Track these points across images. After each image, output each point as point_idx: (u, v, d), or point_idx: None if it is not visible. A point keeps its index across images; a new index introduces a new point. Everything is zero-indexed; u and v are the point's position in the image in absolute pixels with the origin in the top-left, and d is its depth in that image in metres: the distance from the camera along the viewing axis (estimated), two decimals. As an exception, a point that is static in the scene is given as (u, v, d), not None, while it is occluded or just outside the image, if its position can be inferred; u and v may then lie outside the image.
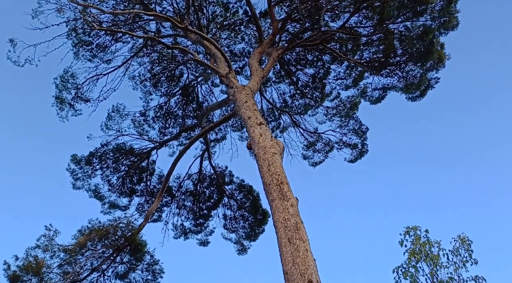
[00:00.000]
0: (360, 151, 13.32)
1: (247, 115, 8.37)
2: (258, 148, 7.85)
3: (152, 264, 10.89)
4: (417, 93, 11.99)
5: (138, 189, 12.74)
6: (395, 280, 5.25)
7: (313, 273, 5.92)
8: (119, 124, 12.40)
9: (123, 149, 12.26)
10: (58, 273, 9.57)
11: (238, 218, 13.22)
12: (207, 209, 13.39)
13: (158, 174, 12.87)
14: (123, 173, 12.44)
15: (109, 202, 12.30)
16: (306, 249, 6.30)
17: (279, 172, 7.48)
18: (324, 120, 13.78)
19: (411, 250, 5.24)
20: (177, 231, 13.09)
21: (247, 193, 13.19)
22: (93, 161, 11.97)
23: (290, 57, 13.61)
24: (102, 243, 10.25)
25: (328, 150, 13.85)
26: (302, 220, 6.86)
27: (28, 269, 9.10)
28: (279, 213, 6.85)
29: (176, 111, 13.94)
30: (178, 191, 13.21)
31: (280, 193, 7.16)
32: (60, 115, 11.88)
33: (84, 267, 10.00)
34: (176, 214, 13.17)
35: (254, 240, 13.13)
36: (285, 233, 6.51)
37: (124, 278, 10.60)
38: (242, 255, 13.21)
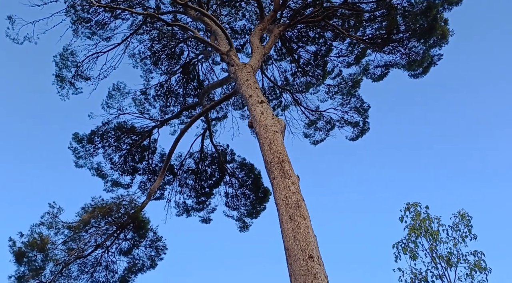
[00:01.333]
0: (362, 129, 13.31)
1: (248, 94, 8.33)
2: (259, 127, 7.85)
3: (155, 240, 11.06)
4: (419, 70, 11.89)
5: (140, 167, 12.81)
6: (395, 255, 5.33)
7: (313, 249, 6.02)
8: (120, 102, 12.36)
9: (125, 128, 12.26)
10: (62, 250, 9.74)
11: (240, 196, 13.34)
12: (209, 187, 13.50)
13: (160, 153, 12.92)
14: (125, 152, 12.48)
15: (111, 180, 12.40)
16: (307, 226, 6.38)
17: (280, 150, 7.50)
18: (325, 98, 13.72)
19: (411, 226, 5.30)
20: (179, 208, 13.24)
21: (249, 171, 13.26)
22: (95, 140, 11.99)
23: (292, 34, 13.43)
24: (106, 220, 10.39)
25: (329, 128, 13.85)
26: (303, 198, 6.93)
27: (33, 246, 9.26)
28: (281, 191, 6.91)
29: (177, 89, 13.87)
30: (180, 170, 13.29)
31: (282, 171, 7.20)
32: (60, 93, 11.85)
33: (88, 244, 10.17)
34: (178, 192, 13.30)
35: (256, 218, 13.30)
36: (286, 210, 6.58)
37: (128, 254, 10.79)
38: (243, 232, 13.40)
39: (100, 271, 10.55)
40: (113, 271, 10.63)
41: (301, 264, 5.81)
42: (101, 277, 10.51)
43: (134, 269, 10.79)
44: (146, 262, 10.94)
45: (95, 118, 12.05)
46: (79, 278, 10.24)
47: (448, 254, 5.07)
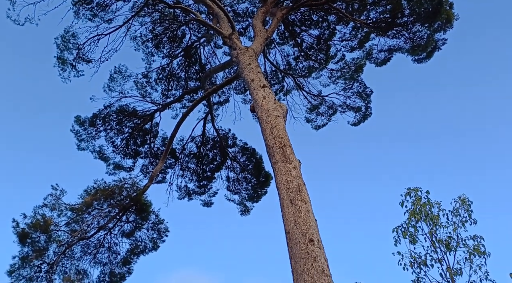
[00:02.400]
0: (364, 114, 13.27)
1: (250, 78, 8.29)
2: (261, 111, 7.83)
3: (157, 223, 11.17)
4: (423, 55, 11.79)
5: (142, 151, 12.86)
6: (395, 239, 5.39)
7: (314, 233, 6.07)
8: (122, 85, 12.33)
9: (126, 111, 12.25)
10: (65, 231, 9.87)
11: (241, 180, 13.40)
12: (211, 171, 13.55)
13: (162, 136, 12.95)
14: (126, 135, 12.51)
15: (113, 163, 12.46)
16: (308, 210, 6.43)
17: (282, 135, 7.50)
18: (328, 82, 13.64)
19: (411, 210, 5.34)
20: (181, 192, 13.34)
21: (250, 156, 13.29)
22: (97, 123, 12.00)
23: (295, 17, 13.27)
24: (108, 202, 10.48)
25: (331, 113, 13.81)
26: (304, 182, 6.96)
27: (36, 227, 9.38)
28: (282, 175, 6.94)
29: (178, 73, 13.79)
30: (181, 153, 13.33)
31: (283, 155, 7.21)
32: (62, 75, 11.80)
33: (91, 226, 10.30)
34: (180, 175, 13.37)
35: (257, 202, 13.39)
36: (288, 195, 6.62)
37: (130, 236, 10.93)
38: (244, 215, 13.52)
39: (102, 252, 10.71)
40: (116, 253, 10.79)
41: (301, 247, 5.87)
42: (104, 258, 10.68)
43: (136, 251, 10.93)
44: (148, 244, 11.09)
45: (97, 101, 12.07)
46: (82, 259, 10.40)
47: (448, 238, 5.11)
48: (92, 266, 10.52)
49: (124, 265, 10.81)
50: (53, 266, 9.85)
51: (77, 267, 10.27)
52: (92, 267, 10.53)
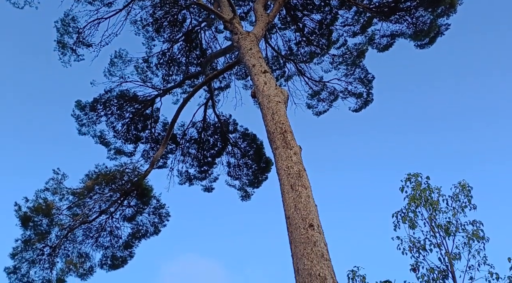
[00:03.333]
0: (365, 100, 13.22)
1: (252, 63, 8.24)
2: (262, 97, 7.81)
3: (159, 208, 11.26)
4: (426, 40, 11.69)
5: (143, 136, 12.86)
6: (394, 224, 5.44)
7: (314, 218, 6.11)
8: (122, 70, 12.26)
9: (127, 96, 12.22)
10: (67, 215, 9.95)
11: (242, 166, 13.44)
12: (211, 157, 13.59)
13: (163, 122, 12.93)
14: (127, 120, 12.50)
15: (114, 148, 12.48)
16: (308, 196, 6.46)
17: (283, 120, 7.49)
18: (329, 68, 13.56)
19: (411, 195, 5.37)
20: (182, 177, 13.39)
21: (251, 142, 13.30)
22: (98, 108, 11.98)
23: (297, 1, 13.12)
24: (109, 187, 10.54)
25: (332, 99, 13.76)
26: (304, 168, 6.98)
27: (38, 211, 9.45)
28: (282, 161, 6.96)
29: (179, 58, 13.70)
30: (182, 139, 13.34)
31: (284, 141, 7.22)
32: (62, 60, 11.74)
33: (93, 210, 10.38)
34: (181, 161, 13.41)
35: (258, 187, 13.45)
36: (288, 180, 6.65)
37: (131, 221, 11.02)
38: (245, 201, 13.60)
39: (104, 236, 10.82)
40: (117, 237, 10.90)
41: (301, 232, 5.92)
42: (106, 242, 10.80)
43: (137, 235, 11.04)
44: (150, 228, 11.19)
45: (98, 86, 12.02)
46: (84, 243, 10.52)
47: (447, 223, 5.16)
48: (94, 250, 10.66)
49: (125, 249, 10.93)
50: (55, 249, 9.97)
51: (79, 250, 10.40)
52: (94, 250, 10.67)
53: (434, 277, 4.93)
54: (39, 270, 9.88)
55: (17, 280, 9.64)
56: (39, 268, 9.85)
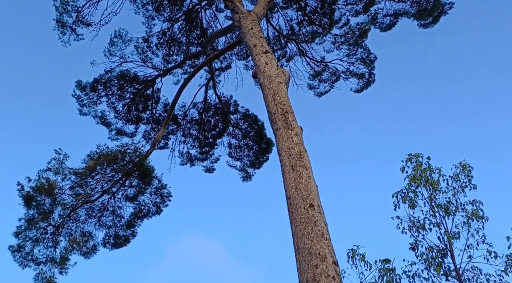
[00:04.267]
0: (367, 80, 13.13)
1: (253, 43, 8.15)
2: (263, 77, 7.77)
3: (160, 188, 11.35)
4: (429, 19, 11.54)
5: (144, 117, 12.85)
6: (394, 204, 5.48)
7: (314, 198, 6.16)
8: (122, 50, 12.14)
9: (127, 76, 12.15)
10: (70, 195, 10.05)
11: (243, 147, 13.47)
12: (212, 138, 13.60)
13: (163, 102, 12.90)
14: (128, 101, 12.46)
15: (116, 129, 12.48)
16: (309, 176, 6.49)
17: (284, 101, 7.46)
18: (331, 48, 13.41)
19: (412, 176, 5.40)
20: (183, 158, 13.44)
21: (252, 122, 13.29)
22: (98, 88, 11.93)
23: (299, -20, 12.90)
24: (111, 167, 10.61)
25: (334, 80, 13.67)
26: (305, 149, 7.00)
27: (41, 190, 9.54)
28: (284, 142, 6.96)
29: (179, 37, 13.55)
30: (183, 120, 13.33)
31: (285, 122, 7.21)
32: (62, 39, 11.62)
33: (95, 190, 10.47)
34: (182, 142, 13.43)
35: (259, 168, 13.51)
36: (289, 161, 6.67)
37: (133, 200, 11.13)
38: (246, 181, 13.68)
39: (107, 215, 10.95)
40: (120, 216, 11.03)
41: (302, 212, 5.98)
42: (108, 221, 10.93)
43: (140, 215, 11.17)
44: (152, 208, 11.31)
45: (98, 66, 11.93)
46: (87, 222, 10.66)
47: (447, 203, 5.20)
48: (97, 229, 10.80)
49: (128, 228, 11.08)
50: (58, 228, 10.11)
51: (82, 229, 10.55)
52: (97, 229, 10.81)
53: (433, 256, 5.00)
54: (43, 249, 10.05)
55: (21, 258, 9.81)
56: (43, 246, 10.02)
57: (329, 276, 5.24)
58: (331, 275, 5.26)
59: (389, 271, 4.68)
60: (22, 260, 9.88)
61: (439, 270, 4.82)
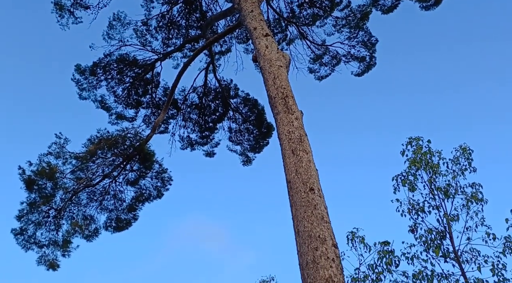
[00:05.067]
0: (368, 64, 13.03)
1: (253, 26, 8.07)
2: (263, 61, 7.71)
3: (161, 172, 11.39)
4: (431, 1, 11.40)
5: (144, 101, 12.81)
6: (394, 187, 5.51)
7: (314, 182, 6.19)
8: (121, 33, 12.03)
9: (127, 60, 12.06)
10: (71, 179, 10.10)
11: (243, 131, 13.47)
12: (213, 122, 13.59)
13: (163, 87, 12.84)
14: (128, 85, 12.41)
15: (116, 113, 12.46)
16: (309, 160, 6.51)
17: (285, 85, 7.43)
18: (332, 31, 13.27)
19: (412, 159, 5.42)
20: (183, 142, 13.46)
21: (252, 107, 13.26)
22: (97, 72, 11.86)
23: (300, -39, 12.69)
24: (112, 151, 10.63)
25: (335, 63, 13.57)
26: (306, 133, 7.00)
27: (42, 174, 9.58)
28: (284, 126, 6.96)
29: (179, 20, 13.40)
30: (183, 104, 13.29)
31: (285, 106, 7.19)
32: (60, 22, 11.50)
33: (96, 174, 10.52)
34: (182, 126, 13.42)
35: (259, 152, 13.54)
36: (289, 145, 6.68)
37: (134, 184, 11.19)
38: (246, 166, 13.73)
39: (108, 199, 11.03)
40: (121, 200, 11.11)
41: (302, 196, 6.02)
42: (110, 205, 11.02)
43: (141, 198, 11.25)
44: (153, 192, 11.37)
45: (97, 50, 11.84)
46: (88, 206, 10.74)
47: (447, 186, 5.22)
48: (98, 212, 10.90)
49: (129, 212, 11.17)
50: (60, 211, 10.19)
51: (84, 213, 10.64)
52: (99, 213, 10.91)
53: (432, 238, 5.05)
54: (45, 232, 10.16)
55: (24, 241, 9.92)
56: (45, 229, 10.12)
57: (329, 258, 5.30)
58: (330, 257, 5.32)
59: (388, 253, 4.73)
60: (24, 243, 10.00)
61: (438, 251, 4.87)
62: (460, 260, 4.85)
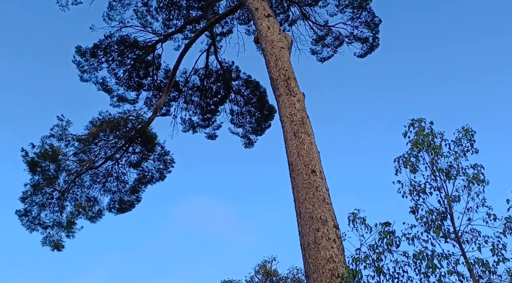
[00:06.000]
0: (371, 45, 12.88)
1: (255, 6, 7.97)
2: (265, 42, 7.65)
3: (163, 154, 11.43)
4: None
5: (145, 83, 12.76)
6: (395, 169, 5.52)
7: (316, 164, 6.23)
8: (122, 14, 11.91)
9: (127, 42, 11.96)
10: (74, 161, 10.15)
11: (245, 114, 13.44)
12: (214, 104, 13.55)
13: (164, 69, 12.77)
14: (129, 67, 12.34)
15: (117, 95, 12.43)
16: (311, 142, 6.53)
17: (287, 67, 7.39)
18: (335, 11, 13.07)
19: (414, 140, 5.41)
20: (185, 125, 13.45)
21: (254, 89, 13.20)
22: (98, 54, 11.78)
23: None
24: (114, 134, 10.65)
25: (337, 45, 13.41)
26: (307, 115, 6.99)
27: (45, 156, 9.62)
28: (286, 108, 6.95)
29: (179, 1, 13.22)
30: (185, 86, 13.23)
31: (287, 88, 7.17)
32: (60, 3, 11.37)
33: (99, 156, 10.57)
34: (184, 108, 13.40)
35: (261, 135, 13.54)
36: (291, 127, 6.69)
37: (137, 167, 11.25)
38: (248, 148, 13.75)
39: (111, 181, 11.10)
40: (124, 182, 11.19)
41: (303, 178, 6.06)
42: (113, 187, 11.11)
43: (143, 180, 11.32)
44: (155, 174, 11.44)
45: (97, 31, 11.76)
46: (92, 187, 10.82)
47: (448, 167, 5.23)
48: (102, 194, 11.00)
49: (132, 194, 11.26)
50: (64, 193, 10.28)
51: (88, 194, 10.73)
52: (102, 195, 11.01)
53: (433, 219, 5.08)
54: (50, 213, 10.28)
55: (28, 222, 10.04)
56: (49, 211, 10.23)
57: (330, 239, 5.38)
58: (332, 238, 5.40)
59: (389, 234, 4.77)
60: (29, 224, 10.12)
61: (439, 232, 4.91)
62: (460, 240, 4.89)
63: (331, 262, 5.17)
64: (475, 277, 4.52)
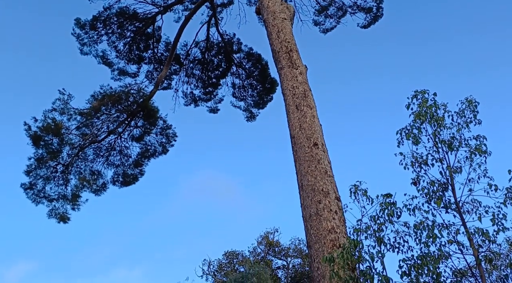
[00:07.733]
0: (375, 15, 12.62)
1: (256, -25, 7.78)
2: (267, 13, 7.53)
3: (165, 128, 11.44)
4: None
5: (145, 56, 12.62)
6: (398, 141, 5.53)
7: (318, 137, 6.25)
8: (120, -15, 11.64)
9: (127, 14, 11.76)
10: (77, 135, 10.17)
11: (247, 87, 13.36)
12: (216, 78, 13.45)
13: (165, 41, 12.60)
14: (129, 39, 12.18)
15: (118, 68, 12.33)
16: (313, 115, 6.53)
17: (289, 39, 7.30)
18: (338, -19, 12.76)
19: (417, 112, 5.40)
20: (187, 98, 13.40)
21: (256, 62, 13.06)
22: (98, 26, 11.60)
23: None
24: (116, 108, 10.62)
25: (340, 15, 13.14)
26: (310, 88, 6.96)
27: (48, 130, 9.64)
28: (288, 81, 6.92)
29: (179, -30, 12.92)
30: (186, 59, 13.09)
31: (289, 61, 7.10)
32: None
33: (101, 130, 10.58)
34: (185, 82, 13.31)
35: (263, 108, 13.50)
36: (293, 101, 6.67)
37: (140, 141, 11.27)
38: (250, 121, 13.73)
39: (114, 155, 11.17)
40: (127, 156, 11.25)
41: (305, 151, 6.09)
42: (116, 161, 11.18)
43: (146, 154, 11.38)
44: (158, 148, 11.49)
45: (96, 2, 11.53)
46: (95, 161, 10.90)
47: (451, 138, 5.23)
48: (105, 168, 11.09)
49: (136, 167, 11.35)
50: (68, 167, 10.37)
51: (91, 168, 10.82)
52: (106, 168, 11.10)
53: (434, 190, 5.13)
54: (54, 186, 10.39)
55: (34, 195, 10.18)
56: (54, 184, 10.35)
57: (332, 210, 5.46)
58: (333, 210, 5.48)
59: (390, 205, 4.84)
60: (34, 197, 10.26)
61: (439, 203, 4.97)
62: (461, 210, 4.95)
63: (333, 232, 5.27)
64: (475, 246, 4.61)
